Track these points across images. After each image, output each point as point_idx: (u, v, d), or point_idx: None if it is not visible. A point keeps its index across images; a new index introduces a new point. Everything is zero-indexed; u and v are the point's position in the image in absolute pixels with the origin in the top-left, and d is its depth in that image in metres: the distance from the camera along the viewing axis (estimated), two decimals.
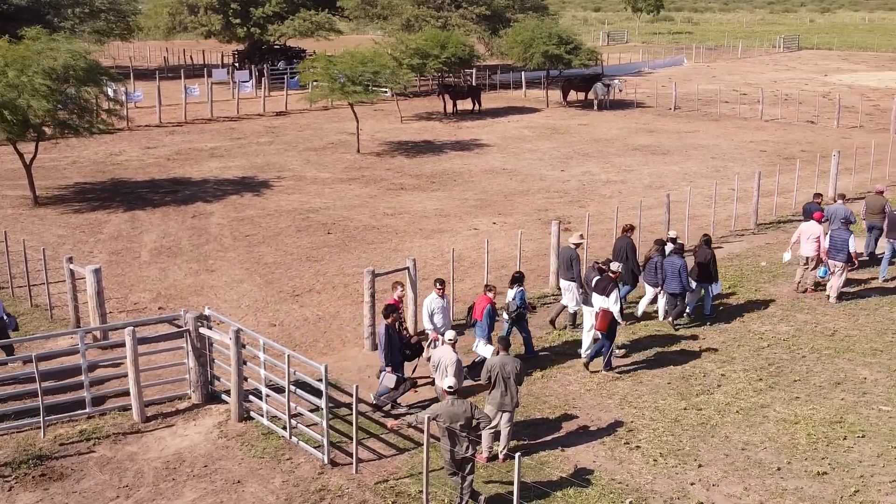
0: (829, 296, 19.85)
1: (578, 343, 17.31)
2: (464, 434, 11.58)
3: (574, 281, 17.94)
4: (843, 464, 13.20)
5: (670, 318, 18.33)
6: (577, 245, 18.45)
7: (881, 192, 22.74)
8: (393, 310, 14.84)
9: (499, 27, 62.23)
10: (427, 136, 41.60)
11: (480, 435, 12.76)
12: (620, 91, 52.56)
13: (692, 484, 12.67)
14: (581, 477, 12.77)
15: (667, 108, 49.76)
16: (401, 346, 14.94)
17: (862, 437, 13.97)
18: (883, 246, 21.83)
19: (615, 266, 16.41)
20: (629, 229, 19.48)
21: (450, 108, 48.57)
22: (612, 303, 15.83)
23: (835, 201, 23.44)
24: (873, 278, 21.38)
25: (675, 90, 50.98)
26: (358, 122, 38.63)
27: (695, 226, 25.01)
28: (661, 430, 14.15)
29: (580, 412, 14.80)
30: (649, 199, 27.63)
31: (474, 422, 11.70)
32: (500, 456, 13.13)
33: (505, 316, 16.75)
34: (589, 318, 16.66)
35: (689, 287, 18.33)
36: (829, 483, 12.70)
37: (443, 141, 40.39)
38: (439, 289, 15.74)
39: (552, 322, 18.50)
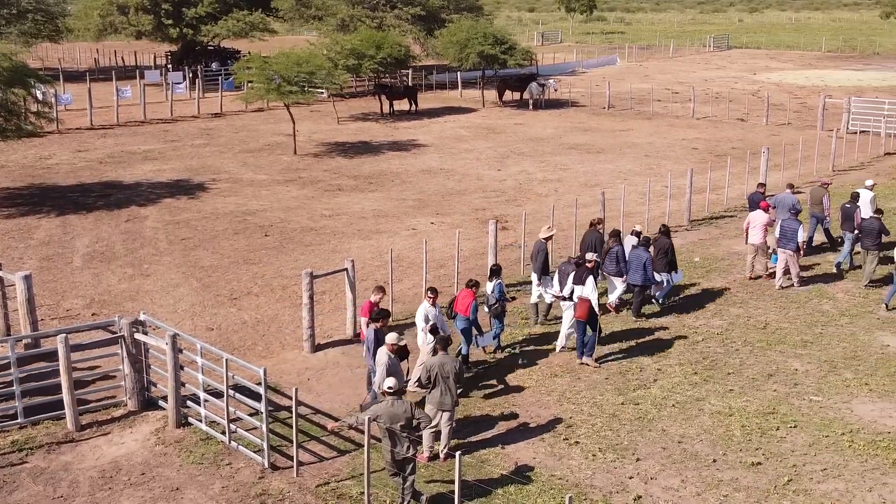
0: (783, 285, 20.62)
1: (520, 342, 17.45)
2: (404, 434, 11.60)
3: (546, 275, 18.25)
4: (777, 454, 13.50)
5: (632, 311, 18.89)
6: (548, 238, 18.70)
7: (825, 185, 23.72)
8: (385, 315, 14.56)
9: (434, 27, 62.31)
10: (364, 137, 41.51)
11: (421, 435, 12.80)
12: (555, 91, 53.04)
13: (630, 478, 12.86)
14: (522, 474, 12.87)
15: (601, 107, 50.35)
16: None
17: (794, 427, 14.31)
18: (822, 236, 23.27)
19: (590, 255, 16.85)
20: (598, 222, 19.99)
21: (386, 109, 48.53)
22: (589, 290, 16.15)
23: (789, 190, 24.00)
24: (816, 265, 22.28)
25: (608, 89, 51.59)
26: (294, 123, 38.39)
27: (630, 223, 25.33)
28: (599, 426, 14.33)
29: (520, 409, 14.92)
30: (585, 198, 27.93)
31: (415, 422, 11.73)
32: (441, 455, 13.18)
33: (485, 309, 16.80)
34: (566, 311, 16.93)
35: (653, 280, 18.83)
36: (763, 473, 12.99)
37: (380, 141, 40.35)
38: (431, 297, 15.39)
39: (545, 315, 18.71)
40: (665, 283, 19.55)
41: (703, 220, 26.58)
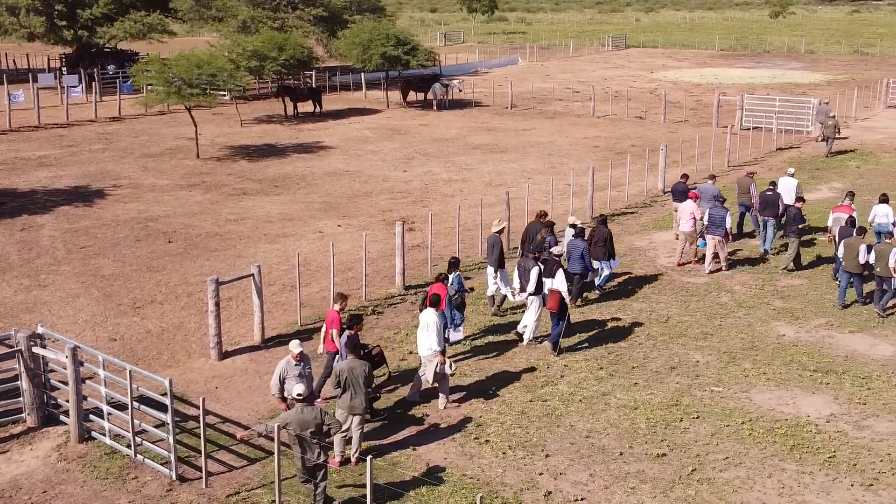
0: (712, 269, 21.74)
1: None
2: (315, 440, 11.55)
3: (503, 268, 18.80)
4: (681, 444, 13.89)
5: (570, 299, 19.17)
6: (500, 231, 19.21)
7: (750, 175, 24.92)
8: (358, 320, 14.35)
9: (337, 29, 62.00)
10: (268, 140, 41.06)
11: (332, 440, 12.76)
12: (459, 91, 53.35)
13: (540, 474, 13.06)
14: (433, 475, 12.95)
15: (504, 107, 50.85)
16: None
17: (697, 418, 14.73)
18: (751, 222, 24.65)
19: (557, 249, 17.54)
20: (543, 215, 20.50)
21: (290, 111, 48.10)
22: (559, 283, 16.78)
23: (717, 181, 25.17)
24: (739, 250, 23.55)
25: (510, 89, 52.14)
26: (196, 126, 37.75)
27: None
28: (508, 423, 14.51)
29: (430, 410, 15.00)
30: (490, 197, 28.20)
31: (325, 427, 11.69)
32: (353, 459, 13.16)
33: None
34: (530, 304, 17.34)
35: (591, 267, 19.41)
36: (669, 464, 13.34)
37: (284, 144, 39.98)
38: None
39: (498, 307, 19.23)
40: (603, 270, 20.37)
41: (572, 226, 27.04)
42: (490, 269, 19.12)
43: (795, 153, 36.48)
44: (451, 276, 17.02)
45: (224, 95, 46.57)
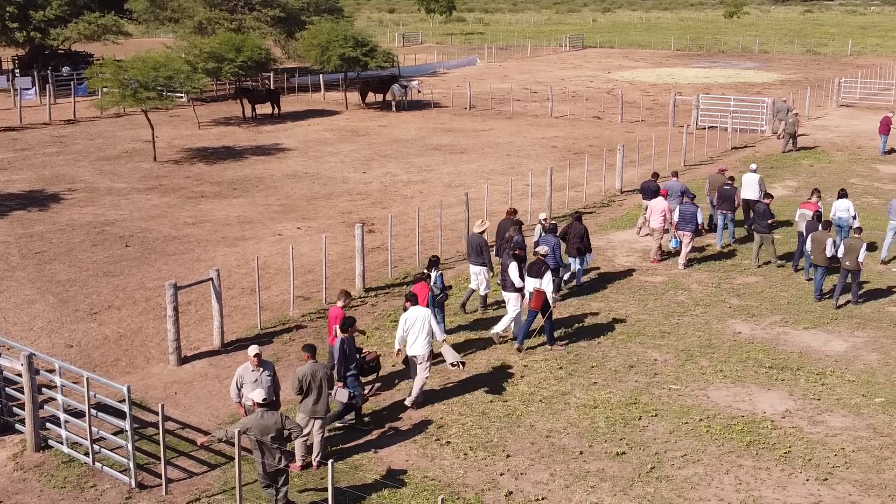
0: (682, 265, 22.16)
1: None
2: (276, 445, 11.53)
3: (485, 266, 18.93)
4: (640, 442, 14.04)
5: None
6: (482, 231, 19.33)
7: (723, 171, 25.46)
8: (351, 323, 14.30)
9: (294, 30, 61.81)
10: (227, 142, 40.80)
11: (293, 445, 12.75)
12: (418, 92, 53.40)
13: (501, 474, 13.14)
14: (395, 477, 12.98)
15: (462, 108, 50.96)
16: (357, 361, 14.33)
17: (655, 416, 14.90)
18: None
19: (542, 249, 17.75)
20: (513, 212, 20.75)
21: (248, 113, 47.84)
22: (545, 283, 17.09)
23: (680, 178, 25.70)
24: (709, 245, 24.08)
25: (469, 90, 52.27)
26: (153, 129, 37.42)
27: (493, 221, 25.76)
28: (469, 424, 14.58)
29: (392, 412, 15.02)
30: (449, 198, 28.28)
31: (286, 432, 11.68)
32: (314, 463, 13.15)
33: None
34: (513, 302, 17.53)
35: (562, 263, 19.67)
36: (628, 462, 13.49)
37: (243, 146, 39.75)
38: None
39: (463, 306, 19.40)
40: (578, 265, 20.82)
41: (563, 217, 27.22)
42: (473, 269, 19.24)
43: (750, 152, 36.96)
44: (433, 275, 17.24)
45: (181, 97, 46.20)
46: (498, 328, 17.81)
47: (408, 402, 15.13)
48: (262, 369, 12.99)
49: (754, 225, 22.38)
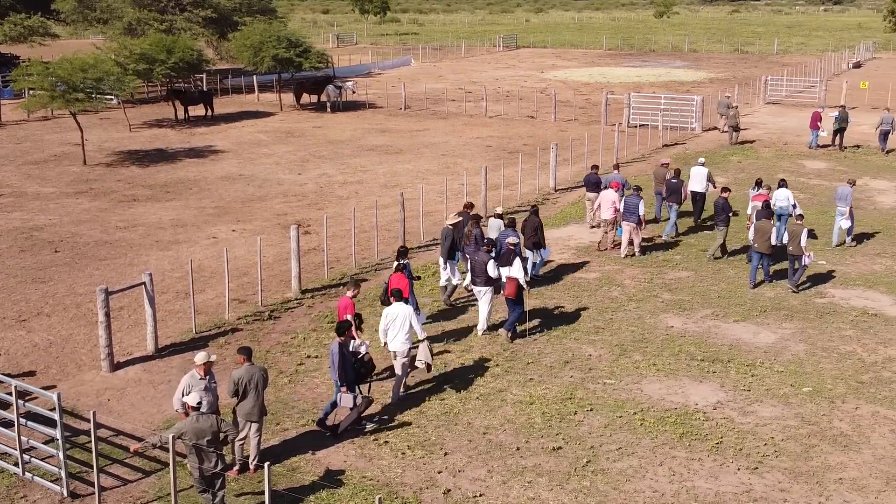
0: (634, 253, 23.07)
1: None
2: (211, 449, 11.44)
3: (452, 258, 19.39)
4: (575, 437, 14.22)
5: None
6: (454, 225, 19.75)
7: (665, 165, 26.49)
8: (347, 326, 14.24)
9: (227, 31, 61.21)
10: (159, 144, 40.24)
11: (230, 448, 12.65)
12: (353, 92, 53.24)
13: (439, 472, 13.21)
14: (332, 478, 12.97)
15: (397, 108, 50.96)
16: (353, 363, 14.23)
17: (590, 410, 15.10)
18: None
19: (513, 239, 18.23)
20: (469, 206, 21.25)
21: (181, 115, 47.24)
22: (516, 270, 17.56)
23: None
24: (658, 236, 24.80)
25: (404, 90, 52.28)
26: (82, 131, 36.74)
27: (429, 221, 25.90)
28: (407, 423, 14.61)
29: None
30: (385, 198, 28.28)
31: (222, 435, 11.60)
32: (251, 467, 13.07)
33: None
34: (482, 295, 17.95)
35: (521, 255, 19.64)
36: (564, 457, 13.66)
37: (176, 148, 39.24)
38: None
39: (449, 297, 19.80)
40: (536, 258, 21.18)
41: (499, 216, 27.41)
42: (441, 261, 19.72)
43: (680, 149, 37.59)
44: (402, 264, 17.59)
45: (111, 100, 45.45)
46: (481, 326, 18.19)
47: (392, 399, 15.37)
48: (209, 377, 12.77)
49: (714, 217, 23.10)
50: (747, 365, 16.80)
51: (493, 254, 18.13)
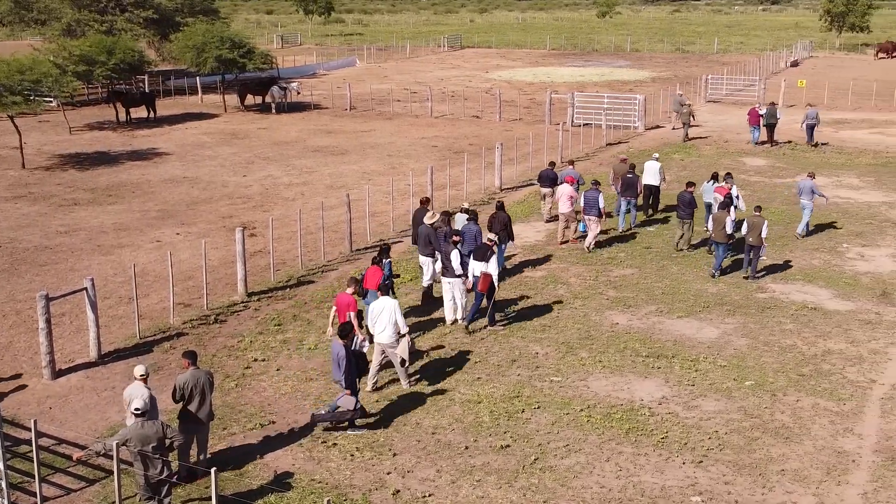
0: (587, 246, 23.59)
1: (283, 345, 17.44)
2: (157, 455, 11.31)
3: (431, 256, 19.47)
4: (523, 435, 14.32)
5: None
6: (433, 223, 19.75)
7: (624, 161, 27.37)
8: (350, 329, 14.28)
9: (169, 31, 60.47)
10: (100, 147, 39.62)
11: (176, 453, 12.52)
12: (297, 93, 52.95)
13: (388, 473, 13.21)
14: (281, 482, 12.90)
15: (343, 109, 50.80)
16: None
17: (538, 408, 15.21)
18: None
19: (491, 236, 18.86)
20: (426, 201, 21.58)
21: (123, 117, 46.58)
22: (492, 267, 17.93)
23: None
24: (612, 229, 25.54)
25: (349, 91, 52.12)
26: (20, 135, 36.05)
27: (376, 222, 25.90)
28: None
29: (277, 417, 14.91)
30: (331, 200, 28.18)
31: (168, 441, 11.47)
32: (198, 472, 12.93)
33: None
34: (448, 289, 18.50)
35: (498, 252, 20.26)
36: (512, 455, 13.74)
37: (118, 151, 38.68)
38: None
39: (425, 294, 20.03)
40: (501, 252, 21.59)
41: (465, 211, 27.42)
42: (423, 259, 19.83)
43: (624, 147, 38.00)
44: (384, 262, 17.68)
45: (50, 102, 44.68)
46: (460, 314, 18.63)
47: (404, 386, 15.85)
48: (148, 389, 12.59)
49: (678, 212, 23.69)
50: (691, 360, 17.05)
51: (459, 246, 18.59)
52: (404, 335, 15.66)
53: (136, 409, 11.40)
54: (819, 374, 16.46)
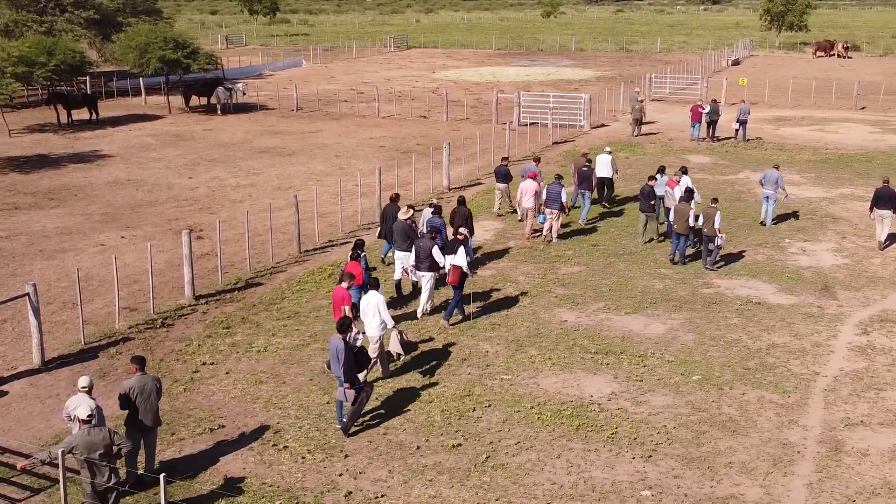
0: (549, 239, 24.33)
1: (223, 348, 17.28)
2: (104, 463, 11.13)
3: (409, 251, 19.61)
4: (474, 433, 14.36)
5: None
6: (408, 219, 20.12)
7: (585, 155, 28.07)
8: (349, 323, 14.34)
9: (111, 32, 59.58)
10: (41, 150, 38.89)
11: (124, 461, 12.34)
12: (243, 94, 52.47)
13: (340, 475, 13.16)
14: (232, 486, 12.78)
15: (289, 110, 50.49)
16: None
17: (489, 406, 15.27)
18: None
19: (463, 230, 19.43)
20: (395, 198, 22.03)
21: (64, 119, 45.78)
22: (460, 258, 18.37)
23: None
24: (574, 222, 26.16)
25: (296, 91, 51.82)
26: None
27: (324, 223, 25.79)
28: (307, 427, 14.51)
29: (227, 421, 14.78)
30: (279, 201, 27.99)
31: (115, 448, 11.29)
32: (146, 479, 12.77)
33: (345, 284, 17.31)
34: (426, 280, 18.89)
35: (448, 242, 20.28)
36: (464, 453, 13.77)
37: (60, 154, 38.00)
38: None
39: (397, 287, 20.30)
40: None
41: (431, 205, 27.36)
42: (398, 254, 20.07)
43: (570, 146, 38.29)
44: (361, 255, 18.05)
45: None
46: (421, 307, 19.08)
47: (384, 375, 16.33)
48: (93, 399, 12.35)
49: (640, 205, 24.33)
50: (639, 356, 17.24)
51: (437, 240, 19.02)
52: (392, 329, 16.11)
53: (87, 416, 11.17)
54: (764, 368, 16.74)
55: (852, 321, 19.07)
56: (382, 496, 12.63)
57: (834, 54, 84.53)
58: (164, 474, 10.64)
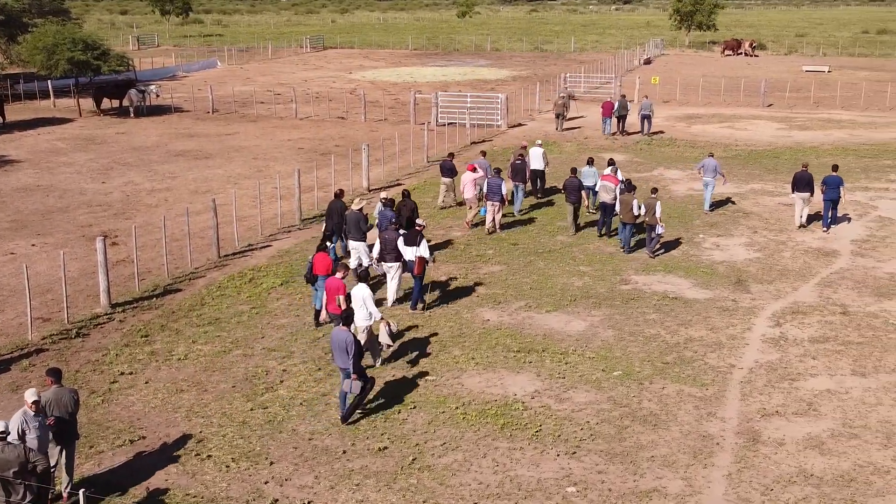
0: (490, 230, 25.35)
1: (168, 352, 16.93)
2: (19, 481, 10.81)
3: (363, 241, 20.71)
4: (400, 436, 14.37)
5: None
6: (360, 208, 20.98)
7: (524, 148, 29.45)
8: (353, 314, 14.99)
9: (16, 33, 57.88)
10: None
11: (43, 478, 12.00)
12: (157, 96, 51.46)
13: (266, 482, 13.03)
14: (155, 498, 12.55)
15: (205, 112, 49.72)
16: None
17: (414, 408, 15.29)
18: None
19: (421, 221, 20.07)
20: (340, 194, 22.44)
21: None
22: (422, 250, 19.16)
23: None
24: (510, 213, 27.14)
25: (211, 93, 51.06)
26: None
27: (243, 227, 25.48)
28: (231, 435, 14.33)
29: (147, 432, 14.50)
30: (196, 205, 27.56)
31: (30, 465, 10.97)
32: (64, 495, 12.44)
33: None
34: (394, 270, 19.58)
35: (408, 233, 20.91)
36: (390, 456, 13.77)
37: None
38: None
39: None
40: None
41: (313, 219, 27.23)
42: (352, 244, 20.86)
43: (488, 146, 38.52)
44: (329, 247, 18.87)
45: None
46: (391, 298, 19.73)
47: (377, 364, 16.76)
48: (41, 415, 11.92)
49: (568, 197, 25.23)
50: (561, 353, 17.46)
51: (400, 232, 19.67)
52: (380, 321, 16.67)
53: (2, 431, 10.82)
54: (682, 362, 17.12)
55: (765, 314, 19.63)
56: (309, 502, 12.55)
57: (741, 53, 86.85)
58: (83, 489, 10.40)
